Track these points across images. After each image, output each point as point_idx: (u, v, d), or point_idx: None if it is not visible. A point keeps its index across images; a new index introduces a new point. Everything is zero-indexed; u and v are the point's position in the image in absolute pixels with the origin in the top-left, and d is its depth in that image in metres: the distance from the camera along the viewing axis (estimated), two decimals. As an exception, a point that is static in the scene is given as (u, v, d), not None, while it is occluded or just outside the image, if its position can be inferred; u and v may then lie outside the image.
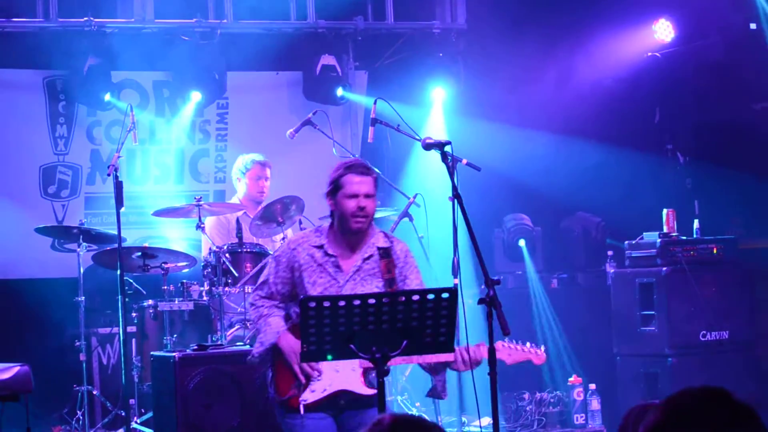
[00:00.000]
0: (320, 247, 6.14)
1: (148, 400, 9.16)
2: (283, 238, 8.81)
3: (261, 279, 6.33)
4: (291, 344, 6.03)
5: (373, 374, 5.68)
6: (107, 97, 10.74)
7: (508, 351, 6.23)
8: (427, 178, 10.57)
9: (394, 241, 6.30)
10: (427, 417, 9.52)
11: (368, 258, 6.18)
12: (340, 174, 6.13)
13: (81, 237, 9.62)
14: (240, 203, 10.04)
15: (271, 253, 8.76)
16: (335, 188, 6.12)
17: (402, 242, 6.35)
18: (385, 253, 6.17)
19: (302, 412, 6.04)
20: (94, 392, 9.83)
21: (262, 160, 10.03)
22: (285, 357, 6.06)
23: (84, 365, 9.67)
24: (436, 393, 6.27)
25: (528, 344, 6.34)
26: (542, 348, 6.38)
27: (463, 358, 6.00)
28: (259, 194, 9.91)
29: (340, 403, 6.11)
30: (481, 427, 8.11)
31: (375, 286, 6.13)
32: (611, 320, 10.50)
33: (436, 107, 11.74)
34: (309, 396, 6.06)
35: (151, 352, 9.01)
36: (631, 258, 10.41)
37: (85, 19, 10.78)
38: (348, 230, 6.14)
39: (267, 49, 11.55)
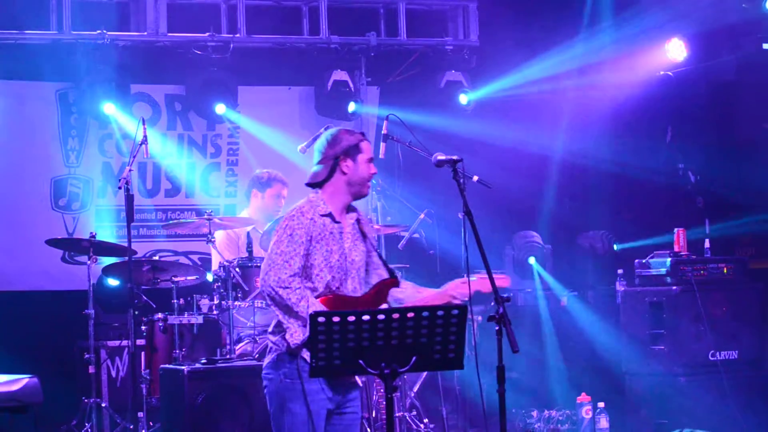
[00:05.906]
0: (327, 214, 6.10)
1: (157, 413, 9.15)
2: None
3: (280, 257, 5.91)
4: None
5: None
6: (110, 108, 10.74)
7: (479, 281, 6.20)
8: (437, 195, 10.57)
9: (357, 208, 6.35)
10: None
11: (354, 222, 6.22)
12: (359, 139, 6.20)
13: (91, 250, 9.62)
14: (250, 217, 10.03)
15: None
16: (356, 151, 6.15)
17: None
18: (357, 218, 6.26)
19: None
20: (103, 405, 9.82)
21: (285, 180, 10.01)
22: None
23: (93, 378, 9.68)
24: None
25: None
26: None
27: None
28: (276, 212, 9.83)
29: None
30: (489, 444, 8.09)
31: (360, 249, 6.15)
32: (621, 338, 10.48)
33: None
34: None
35: (161, 366, 9.01)
36: (642, 277, 10.40)
37: (99, 32, 10.80)
38: (358, 195, 6.21)
39: (279, 64, 11.58)
